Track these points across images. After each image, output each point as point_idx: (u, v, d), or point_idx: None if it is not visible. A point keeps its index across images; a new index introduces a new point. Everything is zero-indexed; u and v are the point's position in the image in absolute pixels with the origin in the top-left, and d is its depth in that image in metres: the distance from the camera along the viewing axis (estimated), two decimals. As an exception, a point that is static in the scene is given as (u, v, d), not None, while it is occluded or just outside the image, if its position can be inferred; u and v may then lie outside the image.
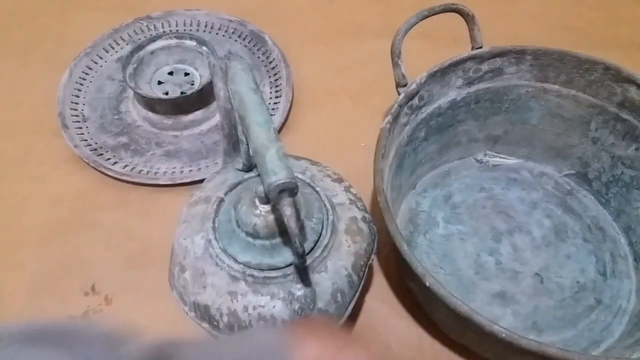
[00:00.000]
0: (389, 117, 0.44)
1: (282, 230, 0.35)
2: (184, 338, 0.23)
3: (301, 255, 0.33)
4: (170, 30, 0.68)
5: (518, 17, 0.72)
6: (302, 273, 0.36)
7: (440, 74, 0.47)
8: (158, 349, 0.22)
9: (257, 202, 0.35)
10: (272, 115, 0.57)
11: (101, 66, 0.64)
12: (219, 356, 0.24)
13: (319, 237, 0.37)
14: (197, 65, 0.62)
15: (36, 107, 0.62)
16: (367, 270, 0.40)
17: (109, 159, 0.56)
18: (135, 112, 0.60)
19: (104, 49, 0.65)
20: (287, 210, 0.30)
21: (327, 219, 0.38)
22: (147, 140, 0.58)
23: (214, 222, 0.38)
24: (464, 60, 0.48)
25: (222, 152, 0.43)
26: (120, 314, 0.47)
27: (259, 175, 0.31)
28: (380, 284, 0.49)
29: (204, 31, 0.68)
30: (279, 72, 0.63)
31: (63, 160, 0.57)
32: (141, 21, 0.68)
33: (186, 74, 0.62)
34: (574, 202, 0.54)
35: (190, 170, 0.55)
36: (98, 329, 0.22)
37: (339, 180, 0.44)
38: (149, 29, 0.68)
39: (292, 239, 0.31)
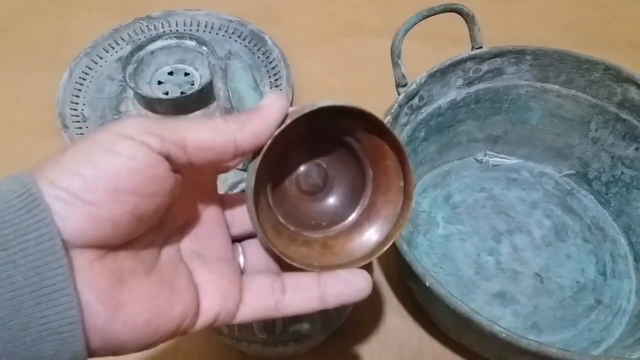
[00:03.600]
0: (389, 117, 0.44)
1: None
2: None
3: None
4: (170, 30, 0.68)
5: (518, 17, 0.72)
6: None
7: (440, 74, 0.47)
8: None
9: None
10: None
11: (101, 66, 0.64)
12: None
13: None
14: (197, 65, 0.62)
15: (36, 107, 0.62)
16: (367, 270, 0.40)
17: (109, 159, 0.56)
18: (135, 112, 0.60)
19: (104, 49, 0.65)
20: None
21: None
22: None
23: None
24: (464, 60, 0.48)
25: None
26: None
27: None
28: (380, 284, 0.49)
29: (204, 31, 0.68)
30: (279, 72, 0.63)
31: (63, 160, 0.57)
32: (141, 21, 0.68)
33: (186, 74, 0.62)
34: (574, 202, 0.54)
35: (190, 170, 0.55)
36: None
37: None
38: (149, 29, 0.68)
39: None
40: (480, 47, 0.48)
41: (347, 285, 0.24)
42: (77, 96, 0.61)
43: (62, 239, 0.18)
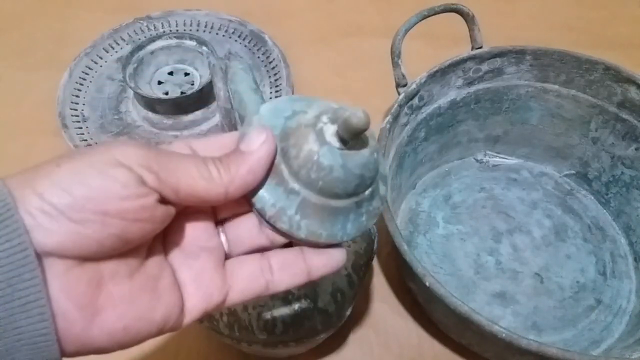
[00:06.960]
0: (389, 117, 0.44)
1: None
2: None
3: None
4: (170, 30, 0.68)
5: (518, 17, 0.72)
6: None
7: (440, 74, 0.47)
8: None
9: None
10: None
11: (101, 66, 0.64)
12: None
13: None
14: (197, 65, 0.62)
15: (36, 107, 0.62)
16: (367, 270, 0.40)
17: (109, 159, 0.56)
18: (135, 112, 0.60)
19: (104, 49, 0.65)
20: None
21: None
22: (147, 141, 0.58)
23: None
24: (464, 60, 0.48)
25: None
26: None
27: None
28: (380, 284, 0.49)
29: (204, 31, 0.68)
30: (279, 72, 0.63)
31: (63, 160, 0.57)
32: (141, 21, 0.68)
33: (186, 74, 0.62)
34: (574, 202, 0.54)
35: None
36: None
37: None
38: (149, 29, 0.68)
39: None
40: (480, 47, 0.48)
41: (330, 258, 0.25)
42: (77, 96, 0.61)
43: (35, 249, 0.18)
